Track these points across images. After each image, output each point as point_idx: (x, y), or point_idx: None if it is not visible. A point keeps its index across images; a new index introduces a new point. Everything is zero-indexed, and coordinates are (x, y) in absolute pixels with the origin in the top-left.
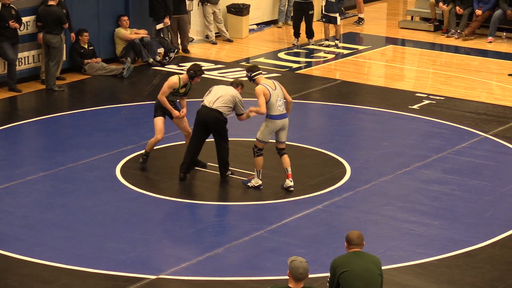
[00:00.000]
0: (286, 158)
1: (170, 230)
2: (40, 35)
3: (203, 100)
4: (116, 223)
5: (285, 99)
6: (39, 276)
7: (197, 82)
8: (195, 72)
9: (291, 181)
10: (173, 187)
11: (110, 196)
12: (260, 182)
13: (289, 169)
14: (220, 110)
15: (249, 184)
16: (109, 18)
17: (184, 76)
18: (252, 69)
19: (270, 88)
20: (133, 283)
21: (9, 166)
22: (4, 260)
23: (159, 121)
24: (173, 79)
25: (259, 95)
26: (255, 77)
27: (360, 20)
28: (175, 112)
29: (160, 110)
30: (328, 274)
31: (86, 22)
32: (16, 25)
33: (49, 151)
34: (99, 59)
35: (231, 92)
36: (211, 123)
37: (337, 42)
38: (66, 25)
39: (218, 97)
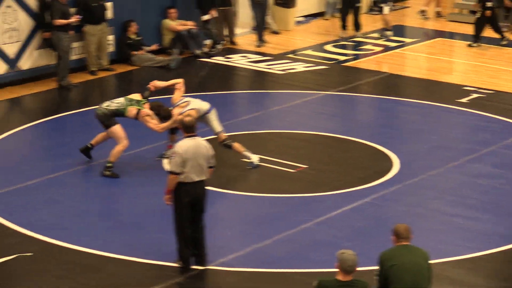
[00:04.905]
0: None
1: (218, 221)
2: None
3: (182, 175)
4: (164, 213)
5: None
6: (87, 265)
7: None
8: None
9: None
10: (221, 178)
11: (158, 187)
12: (256, 156)
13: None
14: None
15: (253, 164)
16: (156, 9)
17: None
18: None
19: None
20: (181, 273)
21: (57, 156)
22: (52, 249)
23: (118, 128)
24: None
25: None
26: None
27: (423, 12)
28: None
29: (113, 118)
30: (376, 268)
31: (133, 13)
32: (77, 18)
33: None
34: (154, 47)
35: (206, 150)
36: (202, 198)
37: (388, 33)
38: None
39: (200, 165)
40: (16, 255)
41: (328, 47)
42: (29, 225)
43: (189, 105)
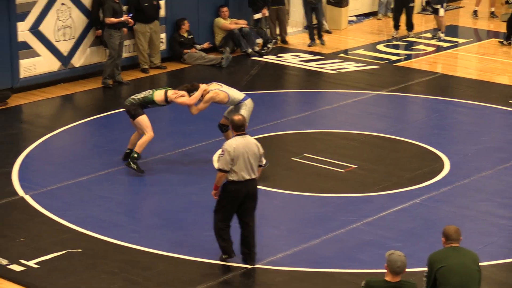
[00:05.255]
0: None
1: (266, 220)
2: (133, 26)
3: (232, 173)
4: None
5: None
6: (137, 262)
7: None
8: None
9: None
10: (270, 177)
11: (207, 185)
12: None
13: None
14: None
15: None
16: (208, 8)
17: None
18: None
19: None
20: (229, 272)
21: (108, 153)
22: (104, 246)
23: (145, 118)
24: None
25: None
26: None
27: (475, 12)
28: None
29: (141, 109)
30: (425, 269)
31: (186, 12)
32: (131, 21)
33: None
34: (206, 44)
35: (257, 149)
36: (252, 197)
37: (441, 34)
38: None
39: (251, 163)
40: (66, 251)
41: (380, 47)
42: (79, 222)
43: (222, 87)
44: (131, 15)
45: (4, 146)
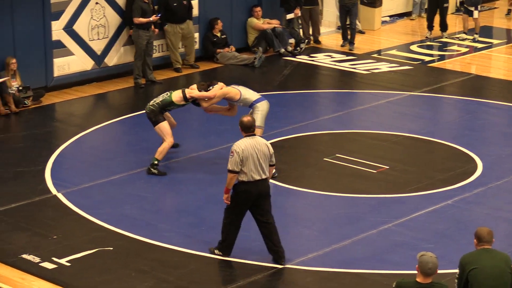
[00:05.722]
0: None
1: (297, 220)
2: (164, 26)
3: (242, 173)
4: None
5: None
6: (169, 261)
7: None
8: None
9: None
10: (301, 177)
11: None
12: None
13: None
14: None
15: None
16: (242, 8)
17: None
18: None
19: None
20: (260, 272)
21: (141, 152)
22: (136, 244)
23: (166, 125)
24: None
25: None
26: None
27: (509, 12)
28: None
29: (161, 115)
30: (456, 271)
31: (219, 11)
32: (156, 18)
33: (178, 138)
34: (232, 48)
35: (266, 149)
36: (265, 197)
37: (475, 36)
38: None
39: (260, 164)
40: (97, 249)
41: (414, 47)
42: (111, 220)
43: (237, 87)
44: (159, 15)
45: (38, 144)
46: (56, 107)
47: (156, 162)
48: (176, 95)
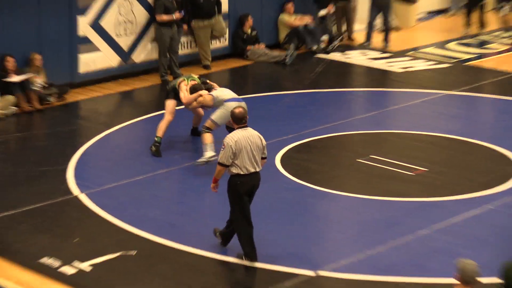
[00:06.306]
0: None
1: (330, 225)
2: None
3: (233, 166)
4: (274, 214)
5: None
6: (192, 265)
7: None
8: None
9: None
10: (334, 179)
11: (268, 186)
12: (213, 154)
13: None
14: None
15: (200, 160)
16: (273, 4)
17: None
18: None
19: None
20: (289, 278)
21: (167, 151)
22: (159, 248)
23: (171, 103)
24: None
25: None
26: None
27: None
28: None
29: (173, 93)
30: (499, 281)
31: (250, 8)
32: (179, 16)
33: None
34: (262, 45)
35: (259, 140)
36: (255, 190)
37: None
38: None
39: (254, 156)
40: (120, 252)
41: (451, 45)
42: (135, 222)
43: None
44: (182, 12)
45: (61, 142)
46: (81, 105)
47: (157, 139)
48: (178, 84)
